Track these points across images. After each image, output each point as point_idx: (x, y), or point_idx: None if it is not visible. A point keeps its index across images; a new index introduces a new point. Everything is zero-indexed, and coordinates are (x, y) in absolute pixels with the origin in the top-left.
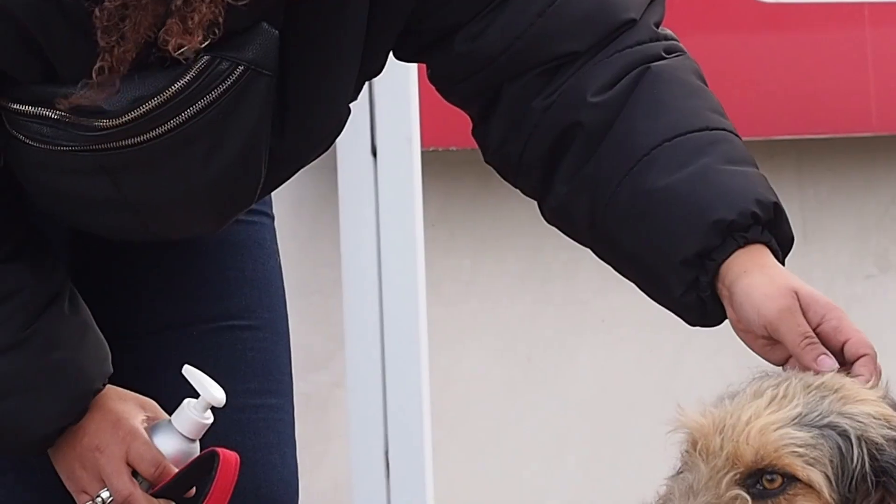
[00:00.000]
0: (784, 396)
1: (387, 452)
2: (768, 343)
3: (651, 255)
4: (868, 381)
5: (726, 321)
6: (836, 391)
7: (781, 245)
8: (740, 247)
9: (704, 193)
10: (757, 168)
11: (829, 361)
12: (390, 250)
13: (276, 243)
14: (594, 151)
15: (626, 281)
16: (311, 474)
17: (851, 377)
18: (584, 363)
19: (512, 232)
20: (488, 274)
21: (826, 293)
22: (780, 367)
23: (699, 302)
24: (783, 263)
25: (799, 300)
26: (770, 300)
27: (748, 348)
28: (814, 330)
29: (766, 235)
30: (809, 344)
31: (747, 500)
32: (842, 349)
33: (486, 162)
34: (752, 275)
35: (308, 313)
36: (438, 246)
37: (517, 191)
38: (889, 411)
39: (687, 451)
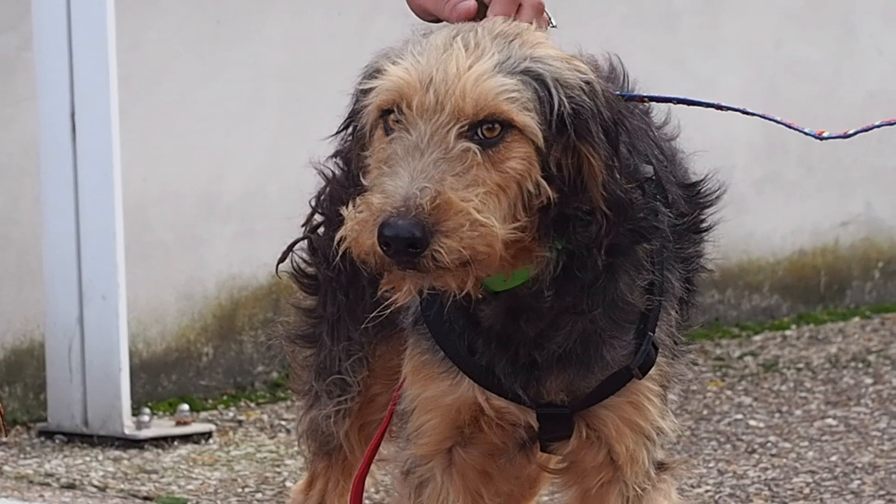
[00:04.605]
0: (477, 45)
1: (73, 115)
2: None
3: None
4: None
5: None
6: (518, 37)
7: None
8: None
9: None
10: None
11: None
12: None
13: None
14: None
15: None
16: None
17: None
18: (274, 25)
19: None
20: None
21: None
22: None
23: None
24: None
25: None
26: None
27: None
28: None
29: None
30: None
31: (477, 151)
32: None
33: None
34: None
35: None
36: None
37: None
38: (566, 53)
39: (392, 111)
